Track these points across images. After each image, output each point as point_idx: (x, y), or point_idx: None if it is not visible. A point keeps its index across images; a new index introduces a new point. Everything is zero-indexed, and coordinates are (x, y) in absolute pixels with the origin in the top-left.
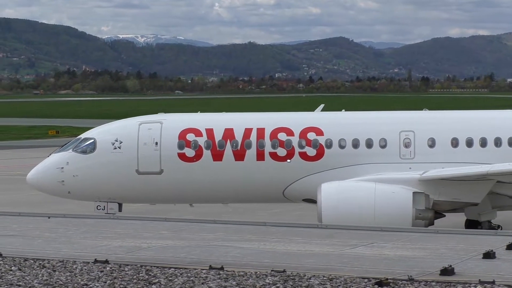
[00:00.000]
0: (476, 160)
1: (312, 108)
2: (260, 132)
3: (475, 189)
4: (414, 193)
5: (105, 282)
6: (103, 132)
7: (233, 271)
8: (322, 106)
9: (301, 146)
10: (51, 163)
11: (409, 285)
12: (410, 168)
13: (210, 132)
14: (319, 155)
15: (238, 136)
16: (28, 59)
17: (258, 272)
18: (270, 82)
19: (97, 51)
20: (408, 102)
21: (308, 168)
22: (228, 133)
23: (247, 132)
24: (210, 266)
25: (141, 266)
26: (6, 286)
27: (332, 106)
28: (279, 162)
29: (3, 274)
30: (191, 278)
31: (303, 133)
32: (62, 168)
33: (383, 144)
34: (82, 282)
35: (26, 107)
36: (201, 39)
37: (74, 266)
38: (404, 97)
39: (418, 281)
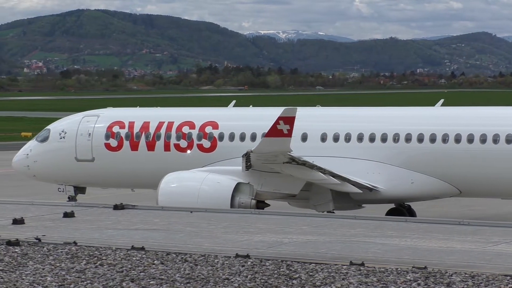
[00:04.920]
0: (341, 154)
1: (452, 104)
2: (170, 125)
3: (290, 181)
4: (238, 183)
5: (246, 277)
6: (58, 124)
7: (374, 267)
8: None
9: (199, 139)
10: (23, 150)
11: None
12: None
13: (131, 124)
14: (213, 147)
15: (152, 128)
16: (170, 55)
17: (399, 269)
18: (411, 77)
19: (238, 47)
20: None
21: (205, 159)
22: (145, 126)
23: (160, 125)
24: (350, 262)
25: (282, 261)
26: (148, 280)
27: (472, 101)
28: (181, 153)
29: (145, 267)
30: (332, 274)
31: (202, 127)
32: (27, 154)
33: None
34: (223, 277)
35: (167, 102)
36: (342, 35)
37: (216, 260)
38: None
39: None
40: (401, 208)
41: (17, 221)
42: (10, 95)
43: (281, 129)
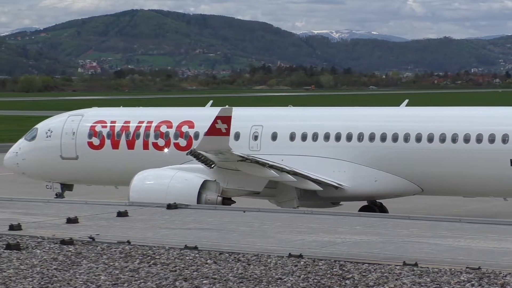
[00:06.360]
0: (309, 153)
1: (508, 103)
2: (149, 124)
3: (254, 179)
4: (205, 180)
5: (299, 277)
6: (45, 123)
7: (427, 267)
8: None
9: (176, 137)
10: (13, 148)
11: None
12: None
13: (113, 124)
14: (189, 145)
15: (132, 128)
16: (224, 55)
17: (453, 269)
18: (465, 77)
19: (291, 47)
20: None
21: (181, 158)
22: (126, 125)
23: (139, 124)
24: (404, 262)
25: (335, 261)
26: (201, 279)
27: None
28: (159, 152)
29: (198, 267)
30: (385, 274)
31: (179, 126)
32: (16, 153)
33: (237, 137)
34: (276, 276)
35: (220, 102)
36: (396, 34)
37: (269, 260)
38: None
39: None
40: (372, 206)
41: (71, 220)
42: (64, 95)
43: (219, 128)
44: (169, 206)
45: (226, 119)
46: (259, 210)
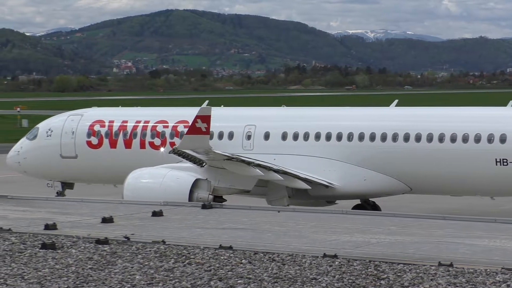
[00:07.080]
0: (301, 152)
1: None
2: (146, 124)
3: (244, 177)
4: (197, 179)
5: (334, 277)
6: (46, 122)
7: (463, 268)
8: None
9: (172, 137)
10: (15, 147)
11: None
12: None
13: (111, 123)
14: None
15: (129, 127)
16: (258, 55)
17: (488, 270)
18: (501, 77)
19: (326, 47)
20: None
21: (177, 156)
22: (123, 125)
23: (137, 124)
24: (439, 262)
25: (370, 261)
26: (236, 279)
27: None
28: (156, 151)
29: (233, 267)
30: (420, 274)
31: (175, 126)
32: (18, 152)
33: (231, 136)
34: (311, 276)
35: (256, 102)
36: (431, 34)
37: (303, 260)
38: None
39: None
40: (365, 205)
41: (106, 220)
42: (100, 94)
43: (199, 127)
44: (204, 206)
45: (206, 118)
46: (293, 210)
